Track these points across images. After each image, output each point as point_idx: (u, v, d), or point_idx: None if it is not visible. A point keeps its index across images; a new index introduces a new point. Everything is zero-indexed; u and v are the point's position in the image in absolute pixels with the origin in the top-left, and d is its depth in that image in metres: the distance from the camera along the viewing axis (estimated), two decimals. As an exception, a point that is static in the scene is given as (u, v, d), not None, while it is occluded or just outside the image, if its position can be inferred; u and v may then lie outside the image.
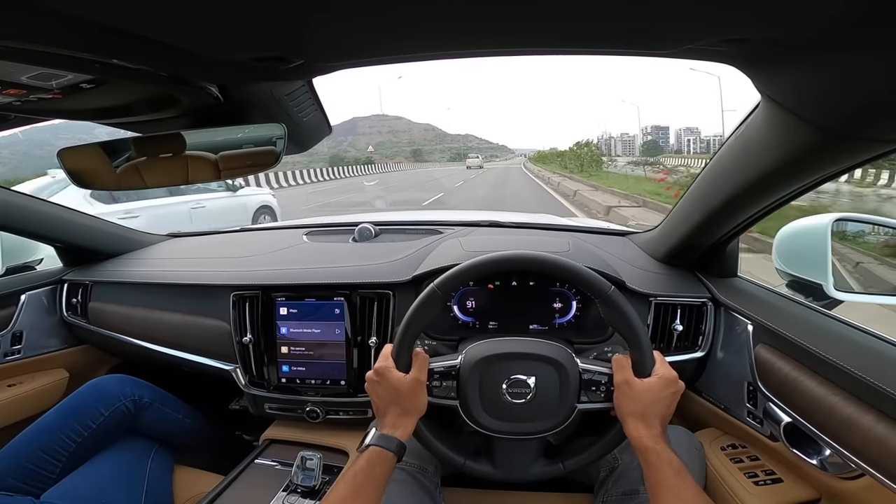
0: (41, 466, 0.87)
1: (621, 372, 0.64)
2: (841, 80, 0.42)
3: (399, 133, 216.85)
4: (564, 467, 0.69)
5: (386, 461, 0.61)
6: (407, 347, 0.66)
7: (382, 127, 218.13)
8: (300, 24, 0.36)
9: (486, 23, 0.37)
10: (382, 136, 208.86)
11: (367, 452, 0.61)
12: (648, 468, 0.58)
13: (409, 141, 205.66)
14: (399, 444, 0.62)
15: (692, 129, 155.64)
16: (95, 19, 0.32)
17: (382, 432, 0.63)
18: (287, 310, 1.02)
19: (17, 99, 0.48)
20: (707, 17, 0.35)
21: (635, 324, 0.64)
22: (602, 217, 7.68)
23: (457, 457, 0.70)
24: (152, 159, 0.60)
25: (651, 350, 0.64)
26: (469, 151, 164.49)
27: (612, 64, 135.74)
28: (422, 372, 0.66)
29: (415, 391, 0.64)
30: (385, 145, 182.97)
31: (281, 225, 1.57)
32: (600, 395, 0.66)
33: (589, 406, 0.66)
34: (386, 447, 0.61)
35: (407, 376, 0.64)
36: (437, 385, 0.68)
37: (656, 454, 0.58)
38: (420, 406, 0.65)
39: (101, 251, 1.30)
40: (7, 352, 1.15)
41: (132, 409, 0.99)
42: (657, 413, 0.61)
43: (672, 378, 0.63)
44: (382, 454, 0.60)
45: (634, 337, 0.64)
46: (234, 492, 0.89)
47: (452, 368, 0.68)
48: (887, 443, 0.55)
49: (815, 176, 0.62)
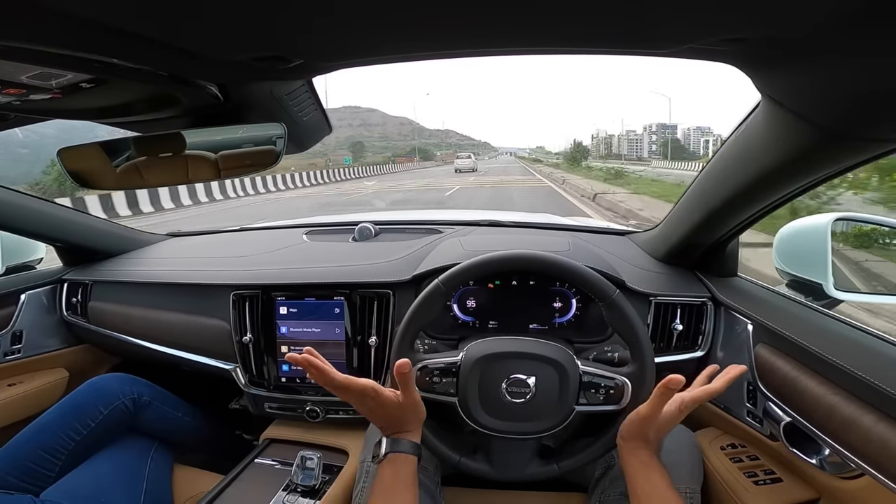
0: (41, 465, 0.87)
1: (655, 406, 0.60)
2: (841, 80, 0.42)
3: (372, 127, 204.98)
4: (559, 468, 0.69)
5: (408, 462, 0.61)
6: (409, 343, 0.66)
7: (354, 119, 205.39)
8: (300, 24, 0.36)
9: (485, 23, 0.37)
10: (353, 130, 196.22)
11: (387, 460, 0.61)
12: (640, 482, 0.60)
13: (382, 135, 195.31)
14: (413, 445, 0.63)
15: (703, 129, 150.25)
16: (95, 19, 0.32)
17: (393, 438, 0.63)
18: (287, 309, 1.02)
19: (16, 98, 0.48)
20: (707, 17, 0.35)
21: (639, 332, 0.64)
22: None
23: (452, 454, 0.70)
24: (152, 159, 0.60)
25: (653, 359, 0.64)
26: (447, 148, 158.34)
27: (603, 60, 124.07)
28: (410, 393, 0.62)
29: (414, 409, 0.64)
30: (355, 139, 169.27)
31: (281, 224, 1.57)
32: (599, 397, 0.66)
33: (588, 408, 0.67)
34: (401, 450, 0.62)
35: (401, 403, 0.62)
36: (437, 381, 0.68)
37: (651, 469, 0.60)
38: (421, 416, 0.65)
39: (101, 251, 1.30)
40: (7, 351, 1.15)
41: (132, 407, 0.99)
42: (658, 436, 0.63)
43: (686, 408, 0.61)
44: (400, 458, 0.61)
45: (637, 346, 0.64)
46: (234, 491, 0.89)
47: (453, 365, 0.68)
48: (887, 443, 0.55)
49: (814, 176, 0.62)
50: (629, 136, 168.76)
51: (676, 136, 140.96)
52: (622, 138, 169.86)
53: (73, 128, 7.47)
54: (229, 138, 0.58)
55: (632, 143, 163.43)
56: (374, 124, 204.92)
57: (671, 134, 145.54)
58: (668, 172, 23.92)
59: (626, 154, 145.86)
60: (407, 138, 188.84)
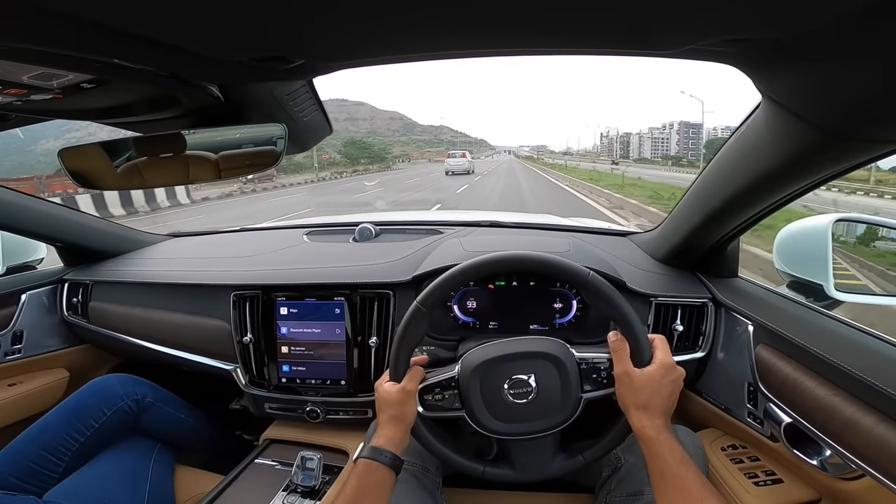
0: (43, 466, 0.87)
1: (620, 363, 0.63)
2: (841, 81, 0.42)
3: (359, 121, 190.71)
4: (584, 458, 0.68)
5: (376, 471, 0.61)
6: (403, 361, 0.66)
7: (340, 114, 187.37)
8: (301, 25, 0.36)
9: (486, 23, 0.37)
10: (339, 125, 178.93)
11: (357, 465, 0.62)
12: (652, 458, 0.58)
13: (370, 130, 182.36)
14: (391, 457, 0.62)
15: (732, 130, 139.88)
16: (96, 20, 0.32)
17: (373, 444, 0.63)
18: (287, 310, 1.02)
19: (17, 99, 0.48)
20: (708, 18, 0.35)
21: (623, 308, 0.63)
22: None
23: (476, 465, 0.69)
24: (153, 159, 0.60)
25: (645, 334, 0.63)
26: (439, 145, 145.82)
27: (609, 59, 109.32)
28: (411, 381, 0.66)
29: (403, 400, 0.65)
30: (340, 135, 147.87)
31: (281, 225, 1.57)
32: (603, 381, 0.66)
33: (594, 394, 0.66)
34: (375, 458, 0.61)
35: (396, 385, 0.65)
36: (439, 398, 0.68)
37: (660, 444, 0.57)
38: (408, 416, 0.65)
39: (102, 251, 1.30)
40: (7, 351, 1.15)
41: (135, 408, 0.99)
42: (659, 402, 0.60)
43: (670, 364, 0.62)
44: (371, 465, 0.61)
45: (625, 321, 0.62)
46: (235, 491, 0.89)
47: (452, 379, 0.68)
48: (888, 443, 0.55)
49: (815, 176, 0.61)
50: (652, 133, 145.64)
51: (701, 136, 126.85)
52: (644, 137, 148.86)
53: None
54: (230, 139, 0.58)
55: (656, 142, 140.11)
56: (362, 119, 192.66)
57: (695, 134, 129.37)
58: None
59: (650, 156, 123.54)
60: (397, 134, 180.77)
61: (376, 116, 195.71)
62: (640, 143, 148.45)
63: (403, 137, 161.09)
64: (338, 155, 60.72)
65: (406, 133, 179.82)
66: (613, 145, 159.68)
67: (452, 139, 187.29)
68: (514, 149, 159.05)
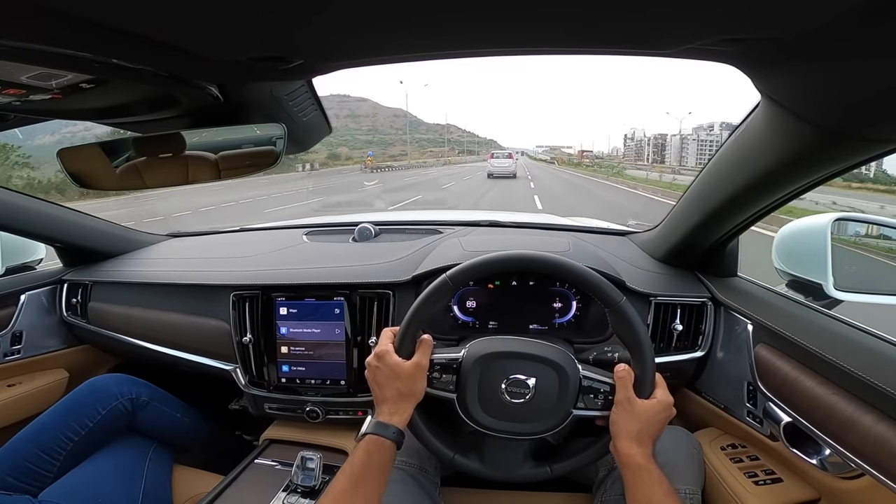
0: (39, 465, 0.87)
1: (624, 389, 0.64)
2: (841, 80, 0.42)
3: (360, 118, 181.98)
4: (552, 471, 0.69)
5: (384, 449, 0.60)
6: (410, 337, 0.66)
7: (342, 110, 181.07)
8: (300, 25, 0.36)
9: (486, 23, 0.37)
10: (339, 122, 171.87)
11: (364, 441, 0.61)
12: (638, 486, 0.59)
13: (371, 128, 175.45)
14: (396, 432, 0.62)
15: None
16: (95, 19, 0.32)
17: (379, 419, 0.62)
18: (287, 310, 1.02)
19: (17, 99, 0.48)
20: (707, 17, 0.35)
21: (644, 339, 0.64)
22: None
23: (447, 450, 0.70)
24: (152, 159, 0.60)
25: (654, 368, 0.64)
26: (445, 144, 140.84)
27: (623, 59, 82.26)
28: (424, 357, 0.65)
29: (414, 375, 0.64)
30: (339, 132, 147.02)
31: (281, 225, 1.57)
32: (598, 402, 0.66)
33: (584, 413, 0.66)
34: (382, 434, 0.61)
35: (407, 360, 0.65)
36: (437, 377, 0.68)
37: (648, 472, 0.59)
38: (418, 391, 0.65)
39: (101, 251, 1.30)
40: (7, 352, 1.15)
41: (130, 407, 0.99)
42: (650, 434, 0.62)
43: (669, 403, 0.64)
44: (379, 441, 0.60)
45: (640, 352, 0.64)
46: (234, 492, 0.89)
47: (454, 362, 0.68)
48: (887, 442, 0.55)
49: (814, 176, 0.62)
50: (698, 135, 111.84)
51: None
52: (689, 139, 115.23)
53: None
54: (229, 139, 0.58)
55: (702, 145, 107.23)
56: (364, 115, 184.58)
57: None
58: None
59: (695, 162, 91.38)
60: (399, 132, 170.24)
61: (379, 113, 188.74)
62: (681, 145, 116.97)
63: (406, 136, 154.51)
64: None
65: (411, 131, 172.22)
66: (643, 148, 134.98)
67: (459, 138, 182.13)
68: (529, 151, 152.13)
